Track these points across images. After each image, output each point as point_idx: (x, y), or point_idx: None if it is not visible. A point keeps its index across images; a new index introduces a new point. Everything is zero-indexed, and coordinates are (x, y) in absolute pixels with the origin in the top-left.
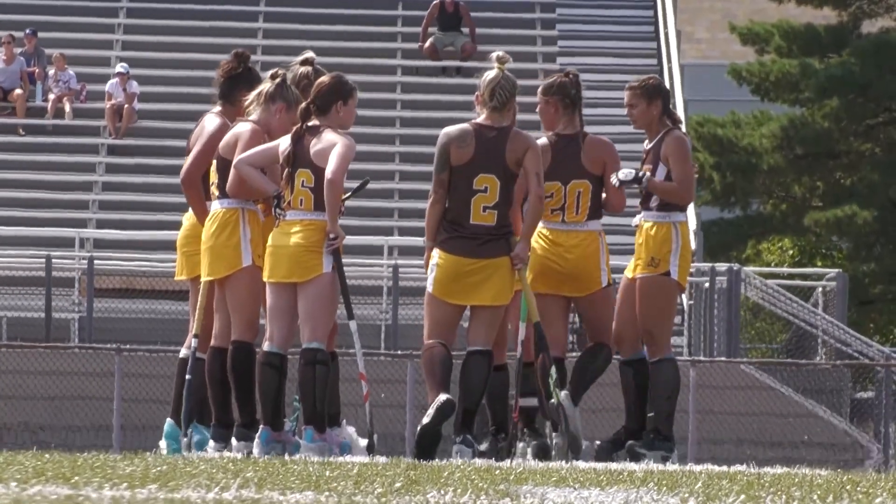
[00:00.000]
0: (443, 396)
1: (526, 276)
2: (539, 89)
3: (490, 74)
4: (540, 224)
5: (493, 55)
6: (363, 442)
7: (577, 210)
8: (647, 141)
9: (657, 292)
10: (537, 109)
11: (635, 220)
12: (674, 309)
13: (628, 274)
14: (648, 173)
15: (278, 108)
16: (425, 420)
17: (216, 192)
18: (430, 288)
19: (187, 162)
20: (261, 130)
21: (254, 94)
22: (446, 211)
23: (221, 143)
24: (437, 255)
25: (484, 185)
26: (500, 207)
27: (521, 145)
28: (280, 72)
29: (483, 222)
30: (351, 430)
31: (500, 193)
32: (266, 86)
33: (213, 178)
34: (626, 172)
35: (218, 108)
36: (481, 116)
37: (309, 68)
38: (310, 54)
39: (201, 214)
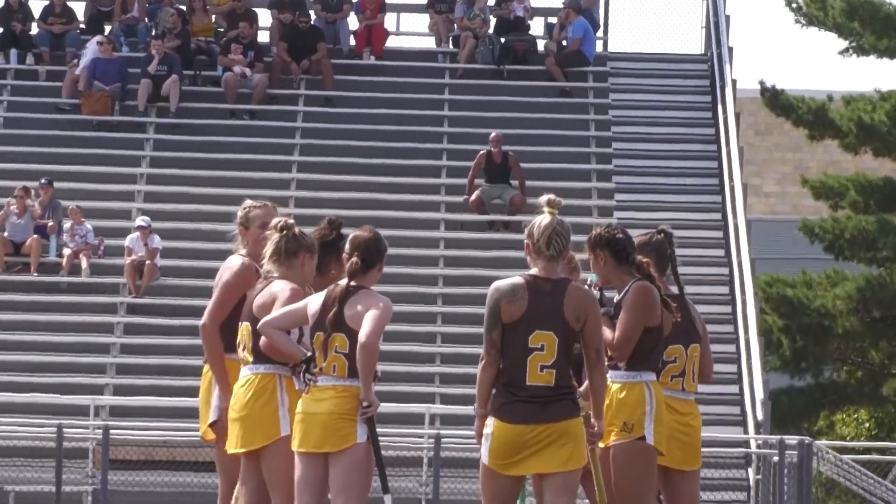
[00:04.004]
0: None
1: (598, 457)
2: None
3: (544, 220)
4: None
5: (543, 198)
6: None
7: (694, 377)
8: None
9: (634, 458)
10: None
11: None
12: (653, 476)
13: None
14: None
15: (302, 259)
16: None
17: (249, 357)
18: (484, 459)
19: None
20: (300, 290)
21: (269, 252)
22: (500, 373)
23: (256, 304)
24: (491, 423)
25: (540, 342)
26: (560, 366)
27: (584, 303)
28: (289, 221)
29: (541, 382)
30: None
31: (559, 351)
32: (276, 241)
33: (247, 341)
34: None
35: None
36: (535, 268)
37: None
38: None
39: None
